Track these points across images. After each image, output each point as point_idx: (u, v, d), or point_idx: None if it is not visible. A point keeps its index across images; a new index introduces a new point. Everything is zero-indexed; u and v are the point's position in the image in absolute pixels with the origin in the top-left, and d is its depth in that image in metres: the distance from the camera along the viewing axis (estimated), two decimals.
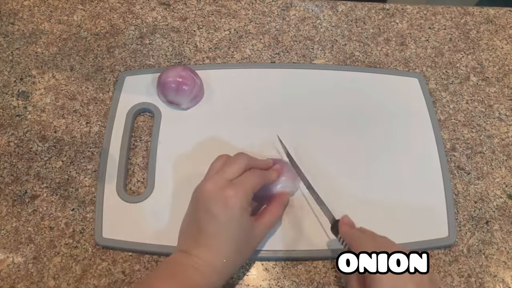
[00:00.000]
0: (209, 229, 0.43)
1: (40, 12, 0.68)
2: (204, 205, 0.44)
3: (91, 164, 0.56)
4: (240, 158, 0.48)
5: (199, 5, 0.69)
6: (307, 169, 0.53)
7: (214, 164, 0.48)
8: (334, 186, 0.54)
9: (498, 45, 0.67)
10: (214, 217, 0.43)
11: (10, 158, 0.56)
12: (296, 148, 0.56)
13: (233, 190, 0.44)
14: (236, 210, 0.43)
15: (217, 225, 0.43)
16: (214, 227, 0.43)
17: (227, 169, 0.46)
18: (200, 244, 0.43)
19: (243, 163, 0.47)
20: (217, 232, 0.43)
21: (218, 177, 0.45)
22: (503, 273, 0.51)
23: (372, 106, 0.60)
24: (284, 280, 0.50)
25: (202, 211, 0.44)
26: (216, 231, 0.43)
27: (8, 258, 0.50)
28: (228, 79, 0.62)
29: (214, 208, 0.43)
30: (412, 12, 0.70)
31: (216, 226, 0.43)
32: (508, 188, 0.56)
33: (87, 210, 0.53)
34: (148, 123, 0.59)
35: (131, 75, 0.62)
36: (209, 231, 0.43)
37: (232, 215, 0.43)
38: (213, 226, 0.43)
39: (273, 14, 0.69)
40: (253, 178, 0.46)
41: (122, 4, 0.69)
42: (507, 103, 0.62)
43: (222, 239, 0.43)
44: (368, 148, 0.57)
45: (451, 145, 0.59)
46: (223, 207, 0.43)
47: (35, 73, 0.62)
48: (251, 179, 0.46)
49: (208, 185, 0.44)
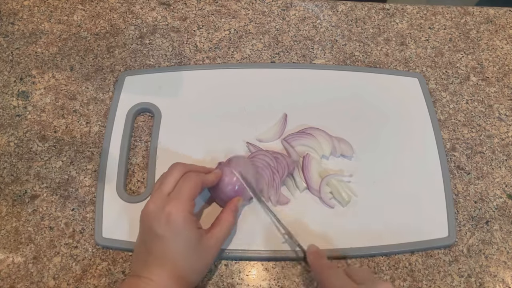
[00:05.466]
0: (156, 250, 0.43)
1: (40, 12, 0.68)
2: (148, 226, 0.44)
3: (91, 164, 0.56)
4: (174, 169, 0.47)
5: (199, 5, 0.69)
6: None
7: (155, 185, 0.47)
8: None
9: (498, 45, 0.67)
10: (158, 236, 0.43)
11: (10, 158, 0.56)
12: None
13: (171, 205, 0.43)
14: (179, 224, 0.43)
15: (163, 244, 0.43)
16: (160, 246, 0.43)
17: (162, 185, 0.45)
18: (150, 266, 0.43)
19: (178, 173, 0.46)
20: (164, 251, 0.43)
21: (157, 194, 0.45)
22: (503, 273, 0.51)
23: (372, 106, 0.60)
24: (284, 280, 0.50)
25: (147, 232, 0.44)
26: (163, 250, 0.43)
27: (8, 258, 0.50)
28: (228, 79, 0.62)
29: (157, 228, 0.43)
30: (412, 12, 0.70)
31: (162, 245, 0.43)
32: (508, 188, 0.56)
33: (87, 210, 0.53)
34: (148, 123, 0.59)
35: (131, 75, 0.62)
36: (156, 251, 0.43)
37: (176, 231, 0.43)
38: (159, 246, 0.43)
39: (273, 14, 0.69)
40: (188, 184, 0.45)
41: (122, 4, 0.69)
42: (507, 103, 0.62)
43: (170, 258, 0.43)
44: (368, 148, 0.57)
45: (451, 145, 0.59)
46: (165, 225, 0.43)
47: (35, 73, 0.62)
48: (186, 185, 0.45)
49: (149, 205, 0.44)
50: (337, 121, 0.59)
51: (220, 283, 0.49)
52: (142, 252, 0.44)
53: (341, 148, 0.56)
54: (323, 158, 0.56)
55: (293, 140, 0.56)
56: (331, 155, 0.56)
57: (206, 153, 0.56)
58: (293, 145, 0.56)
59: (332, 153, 0.56)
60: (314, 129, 0.57)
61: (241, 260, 0.51)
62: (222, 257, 0.50)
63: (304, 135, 0.56)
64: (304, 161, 0.54)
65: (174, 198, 0.44)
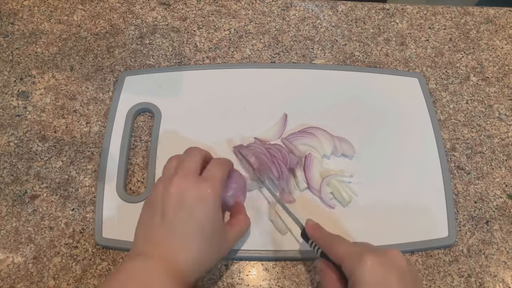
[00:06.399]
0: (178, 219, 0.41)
1: (40, 12, 0.68)
2: (178, 197, 0.41)
3: (91, 164, 0.56)
4: (195, 150, 0.46)
5: (199, 5, 0.69)
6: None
7: (168, 165, 0.45)
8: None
9: (498, 45, 0.67)
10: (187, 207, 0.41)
11: (10, 158, 0.56)
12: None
13: (207, 184, 0.42)
14: (212, 204, 0.42)
15: (190, 215, 0.41)
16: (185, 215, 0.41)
17: (186, 164, 0.44)
18: (166, 244, 0.41)
19: (200, 155, 0.45)
20: (186, 221, 0.41)
21: (184, 173, 0.43)
22: (503, 273, 0.51)
23: (372, 106, 0.60)
24: (284, 280, 0.50)
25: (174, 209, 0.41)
26: (185, 220, 0.41)
27: (8, 258, 0.50)
28: (228, 79, 0.62)
29: (190, 200, 0.41)
30: (412, 12, 0.70)
31: (189, 216, 0.41)
32: (508, 188, 0.56)
33: (87, 210, 0.53)
34: (148, 123, 0.59)
35: (131, 75, 0.62)
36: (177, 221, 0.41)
37: (207, 210, 0.41)
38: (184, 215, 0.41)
39: (273, 14, 0.69)
40: (220, 167, 0.45)
41: (122, 4, 0.69)
42: (507, 103, 0.62)
43: (190, 231, 0.41)
44: (368, 148, 0.57)
45: (451, 145, 0.59)
46: (200, 200, 0.41)
47: (35, 73, 0.62)
48: (219, 168, 0.44)
49: (179, 182, 0.42)
50: (337, 121, 0.59)
51: (220, 283, 0.49)
52: (157, 231, 0.42)
53: (342, 147, 0.56)
54: (324, 157, 0.56)
55: (294, 140, 0.56)
56: (332, 155, 0.56)
57: None
58: (295, 144, 0.56)
59: (333, 153, 0.56)
60: (315, 128, 0.57)
61: (241, 260, 0.51)
62: None
63: (306, 135, 0.56)
64: (306, 160, 0.54)
65: (208, 178, 0.43)
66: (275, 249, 0.50)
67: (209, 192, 0.42)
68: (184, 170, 0.43)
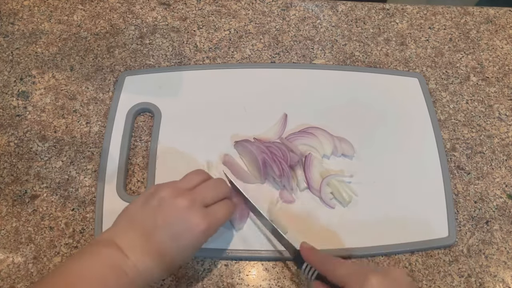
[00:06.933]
0: (165, 244, 0.41)
1: (40, 12, 0.68)
2: (178, 218, 0.42)
3: (91, 164, 0.56)
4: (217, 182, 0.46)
5: (199, 5, 0.70)
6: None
7: (194, 177, 0.46)
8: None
9: (498, 45, 0.67)
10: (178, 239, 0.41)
11: (10, 158, 0.56)
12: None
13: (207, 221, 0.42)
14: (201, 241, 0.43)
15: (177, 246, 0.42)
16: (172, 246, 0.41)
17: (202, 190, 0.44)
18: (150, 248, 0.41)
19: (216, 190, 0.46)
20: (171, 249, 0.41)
21: (196, 198, 0.43)
22: (503, 273, 0.51)
23: (372, 106, 0.60)
24: (284, 280, 0.50)
25: (174, 220, 0.42)
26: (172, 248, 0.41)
27: (8, 258, 0.50)
28: (228, 79, 0.62)
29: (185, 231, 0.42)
30: (412, 12, 0.70)
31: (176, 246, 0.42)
32: (508, 188, 0.56)
33: (87, 210, 0.53)
34: (148, 123, 0.59)
35: (131, 75, 0.62)
36: (164, 245, 0.41)
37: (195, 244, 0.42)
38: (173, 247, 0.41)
39: (273, 14, 0.69)
40: (227, 211, 0.45)
41: (122, 4, 0.69)
42: (507, 103, 0.62)
43: (175, 254, 0.42)
44: (368, 147, 0.57)
45: (451, 145, 0.59)
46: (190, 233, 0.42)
47: (35, 73, 0.62)
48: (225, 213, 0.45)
49: (188, 204, 0.42)
50: (337, 121, 0.59)
51: (220, 283, 0.49)
52: (147, 227, 0.42)
53: (342, 147, 0.56)
54: (324, 157, 0.56)
55: (294, 139, 0.56)
56: (332, 155, 0.56)
57: (206, 153, 0.56)
58: (295, 144, 0.56)
59: (333, 153, 0.56)
60: (315, 128, 0.57)
61: (241, 260, 0.51)
62: (222, 257, 0.50)
63: (306, 134, 0.56)
64: (306, 160, 0.54)
65: (212, 217, 0.43)
66: (275, 249, 0.50)
67: (202, 229, 0.42)
68: (198, 196, 0.44)
